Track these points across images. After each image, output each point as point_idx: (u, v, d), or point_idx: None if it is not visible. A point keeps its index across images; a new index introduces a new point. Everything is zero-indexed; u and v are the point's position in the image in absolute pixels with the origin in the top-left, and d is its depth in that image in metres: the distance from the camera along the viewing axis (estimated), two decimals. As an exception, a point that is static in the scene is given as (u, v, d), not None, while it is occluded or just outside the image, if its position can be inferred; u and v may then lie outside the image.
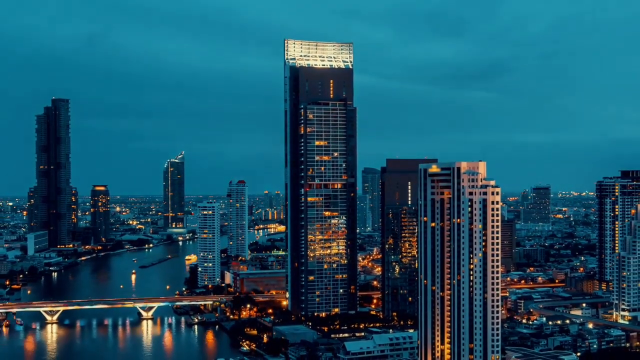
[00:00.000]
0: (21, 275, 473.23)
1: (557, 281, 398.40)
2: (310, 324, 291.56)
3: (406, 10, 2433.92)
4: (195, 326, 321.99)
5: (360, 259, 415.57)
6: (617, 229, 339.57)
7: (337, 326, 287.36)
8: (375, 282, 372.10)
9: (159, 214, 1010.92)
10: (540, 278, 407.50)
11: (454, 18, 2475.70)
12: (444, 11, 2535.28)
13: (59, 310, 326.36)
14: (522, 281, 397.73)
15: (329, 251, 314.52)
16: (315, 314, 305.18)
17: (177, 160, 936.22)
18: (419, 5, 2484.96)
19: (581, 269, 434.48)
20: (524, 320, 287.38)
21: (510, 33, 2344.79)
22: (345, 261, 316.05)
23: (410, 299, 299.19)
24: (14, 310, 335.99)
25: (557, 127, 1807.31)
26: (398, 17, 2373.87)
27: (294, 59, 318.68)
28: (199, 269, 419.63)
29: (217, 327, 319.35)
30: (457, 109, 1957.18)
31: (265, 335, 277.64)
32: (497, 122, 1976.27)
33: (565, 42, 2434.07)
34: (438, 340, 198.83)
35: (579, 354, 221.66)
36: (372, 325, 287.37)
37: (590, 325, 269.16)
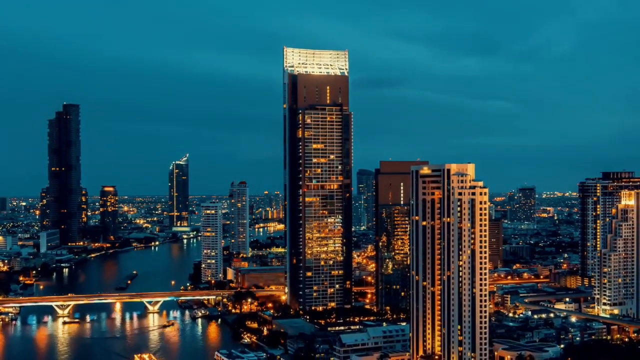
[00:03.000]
0: (34, 272, 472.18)
1: (541, 277, 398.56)
2: (308, 317, 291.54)
3: (446, 33, 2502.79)
4: (199, 319, 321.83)
5: (355, 255, 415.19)
6: (598, 227, 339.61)
7: (334, 319, 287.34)
8: (369, 278, 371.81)
9: (165, 213, 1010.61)
10: (525, 274, 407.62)
11: (490, 39, 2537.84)
12: (481, 33, 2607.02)
13: (70, 305, 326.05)
14: (509, 277, 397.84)
15: (325, 248, 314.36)
16: (313, 308, 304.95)
17: (181, 162, 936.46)
18: (459, 29, 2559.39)
19: (565, 265, 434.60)
20: (511, 314, 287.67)
21: (538, 52, 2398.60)
22: (341, 258, 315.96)
23: (402, 293, 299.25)
24: (27, 304, 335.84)
25: (547, 131, 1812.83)
26: (438, 39, 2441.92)
27: (293, 66, 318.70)
28: (203, 266, 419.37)
29: (219, 320, 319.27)
30: (461, 115, 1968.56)
31: (265, 328, 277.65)
32: (493, 127, 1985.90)
33: (580, 58, 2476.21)
34: (429, 333, 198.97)
35: (562, 345, 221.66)
36: (366, 318, 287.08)
37: (574, 319, 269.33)
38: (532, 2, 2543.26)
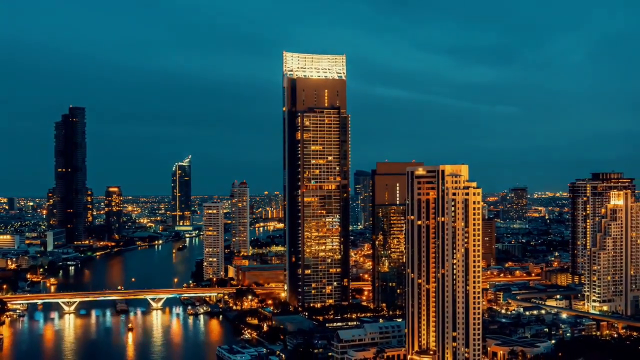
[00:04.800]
0: (41, 269, 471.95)
1: (533, 274, 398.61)
2: (306, 314, 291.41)
3: (466, 45, 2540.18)
4: (201, 316, 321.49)
5: (352, 254, 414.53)
6: (588, 226, 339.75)
7: (331, 316, 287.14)
8: (366, 276, 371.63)
9: (168, 213, 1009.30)
10: (518, 272, 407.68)
11: (507, 50, 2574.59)
12: (499, 45, 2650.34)
13: (76, 301, 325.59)
14: (502, 274, 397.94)
15: (323, 247, 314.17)
16: (311, 304, 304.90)
17: (184, 164, 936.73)
18: (479, 41, 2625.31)
19: (555, 263, 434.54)
20: (503, 310, 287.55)
21: (552, 62, 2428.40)
22: (339, 256, 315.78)
23: (398, 291, 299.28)
24: (35, 301, 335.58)
25: (545, 134, 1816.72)
26: (457, 50, 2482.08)
27: (292, 70, 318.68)
28: (205, 264, 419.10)
29: (221, 316, 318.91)
30: (466, 119, 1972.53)
31: (265, 324, 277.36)
32: (496, 131, 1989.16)
33: (592, 68, 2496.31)
34: (424, 329, 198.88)
35: (553, 341, 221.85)
36: (363, 315, 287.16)
37: (564, 315, 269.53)
38: (550, 16, 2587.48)
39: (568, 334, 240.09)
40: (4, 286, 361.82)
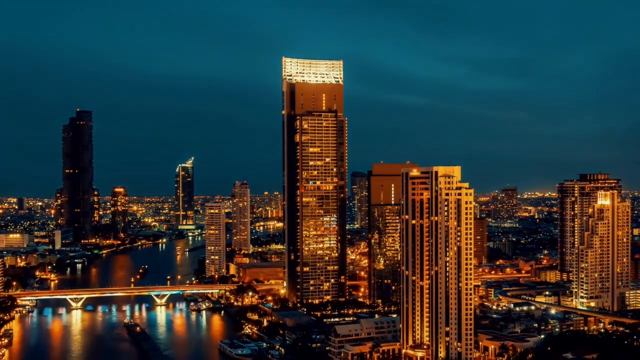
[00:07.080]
0: (49, 267, 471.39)
1: (523, 272, 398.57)
2: (305, 309, 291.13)
3: (487, 57, 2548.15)
4: (203, 311, 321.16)
5: (349, 252, 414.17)
6: (576, 225, 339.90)
7: (329, 312, 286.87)
8: (362, 273, 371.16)
9: (171, 212, 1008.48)
10: (508, 269, 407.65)
11: (527, 63, 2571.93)
12: (519, 58, 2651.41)
13: (82, 298, 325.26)
14: (493, 272, 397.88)
15: (321, 245, 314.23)
16: (310, 300, 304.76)
17: (187, 165, 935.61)
18: (500, 54, 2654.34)
19: (544, 261, 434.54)
20: (494, 306, 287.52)
21: (569, 73, 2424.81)
22: (336, 254, 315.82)
23: (393, 287, 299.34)
24: (43, 297, 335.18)
25: (534, 137, 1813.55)
26: (478, 62, 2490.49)
27: (291, 75, 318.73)
28: (207, 261, 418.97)
29: (222, 312, 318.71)
30: (473, 123, 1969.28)
31: (265, 320, 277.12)
32: (499, 134, 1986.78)
33: (605, 79, 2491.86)
34: (418, 324, 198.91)
35: (542, 336, 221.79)
36: (359, 310, 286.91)
37: (553, 311, 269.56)
38: (570, 31, 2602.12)
39: (557, 329, 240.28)
40: (14, 283, 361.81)
